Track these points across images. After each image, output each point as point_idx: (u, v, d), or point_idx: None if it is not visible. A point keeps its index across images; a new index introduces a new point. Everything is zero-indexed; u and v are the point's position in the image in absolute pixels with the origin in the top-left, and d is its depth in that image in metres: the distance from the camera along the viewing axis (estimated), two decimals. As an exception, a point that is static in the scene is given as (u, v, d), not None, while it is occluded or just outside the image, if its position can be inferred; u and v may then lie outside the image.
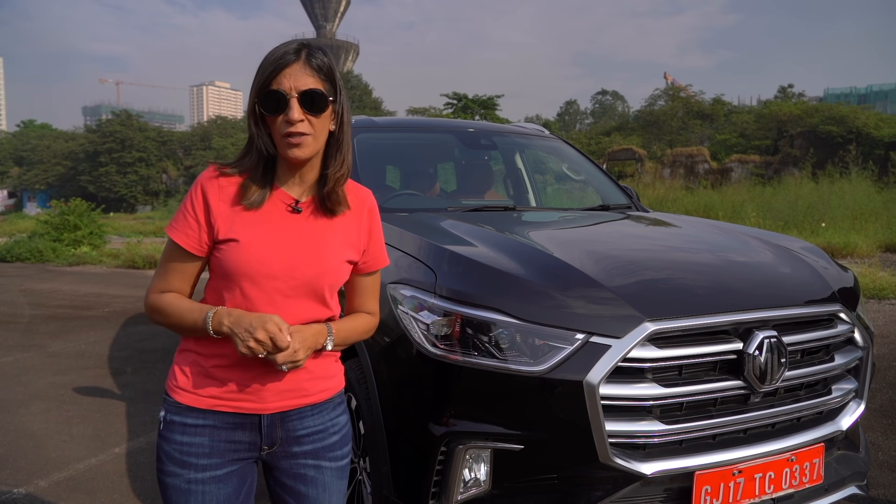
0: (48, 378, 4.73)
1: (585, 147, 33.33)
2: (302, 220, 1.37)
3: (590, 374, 1.67)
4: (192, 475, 1.34)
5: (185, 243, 1.34)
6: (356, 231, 1.43)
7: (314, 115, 1.30)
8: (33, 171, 50.37)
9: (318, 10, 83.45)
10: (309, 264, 1.34)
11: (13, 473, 3.10)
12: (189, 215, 1.34)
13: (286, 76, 1.28)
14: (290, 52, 1.30)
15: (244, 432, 1.36)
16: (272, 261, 1.31)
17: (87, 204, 14.89)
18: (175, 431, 1.35)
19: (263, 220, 1.34)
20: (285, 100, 1.27)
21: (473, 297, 1.82)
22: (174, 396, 1.36)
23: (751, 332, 1.83)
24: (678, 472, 1.75)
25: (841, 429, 2.00)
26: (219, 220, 1.32)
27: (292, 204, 1.37)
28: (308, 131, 1.29)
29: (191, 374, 1.36)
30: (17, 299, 8.28)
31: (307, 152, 1.31)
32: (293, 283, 1.33)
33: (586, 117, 70.11)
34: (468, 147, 3.80)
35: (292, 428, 1.40)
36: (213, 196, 1.33)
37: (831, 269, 2.28)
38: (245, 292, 1.31)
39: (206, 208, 1.33)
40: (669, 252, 2.39)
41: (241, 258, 1.30)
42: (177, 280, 1.38)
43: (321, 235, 1.38)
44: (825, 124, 26.71)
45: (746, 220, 12.89)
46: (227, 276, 1.32)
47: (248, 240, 1.31)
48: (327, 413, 1.44)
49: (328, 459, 1.44)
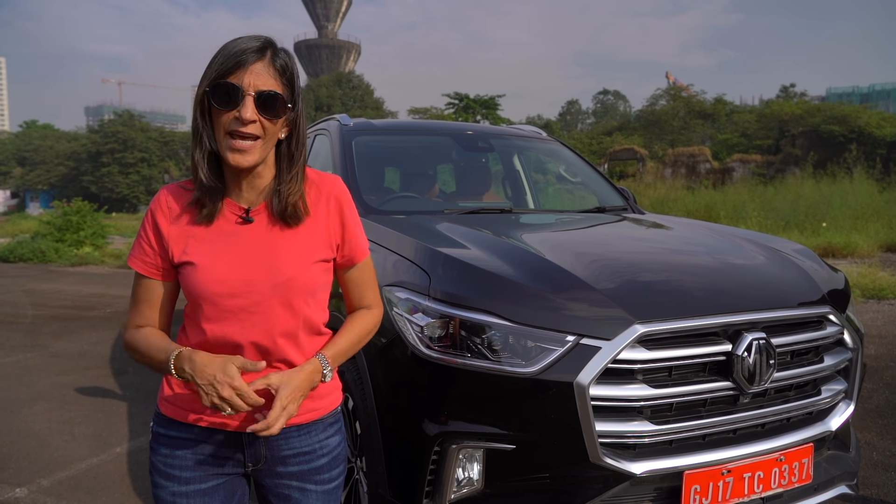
0: (51, 378, 4.77)
1: (587, 147, 33.34)
2: (256, 230, 1.29)
3: (580, 376, 1.70)
4: (176, 488, 1.31)
5: (144, 270, 1.30)
6: (324, 226, 1.33)
7: (269, 118, 1.21)
8: (36, 171, 50.50)
9: (319, 10, 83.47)
10: (268, 276, 1.26)
11: (16, 473, 3.14)
12: (143, 241, 1.30)
13: (247, 72, 1.19)
14: (254, 49, 1.20)
15: (227, 448, 1.32)
16: (228, 279, 1.24)
17: (89, 204, 14.96)
18: (161, 444, 1.33)
19: (214, 236, 1.27)
20: (240, 95, 1.18)
21: (467, 299, 1.85)
22: (161, 408, 1.35)
23: (740, 333, 1.85)
24: (668, 471, 1.77)
25: (830, 429, 2.03)
26: (171, 243, 1.27)
27: (242, 214, 1.29)
28: (258, 133, 1.21)
29: (176, 387, 1.32)
30: (20, 300, 8.33)
31: (251, 160, 1.22)
32: (256, 297, 1.25)
33: (588, 117, 70.09)
34: (466, 149, 3.83)
35: (277, 448, 1.34)
36: (162, 218, 1.28)
37: (821, 271, 2.30)
38: (209, 314, 1.25)
39: (157, 232, 1.28)
40: (661, 254, 2.42)
41: (197, 281, 1.24)
42: (148, 310, 1.32)
43: (279, 242, 1.29)
44: (827, 124, 26.68)
45: (748, 220, 12.89)
46: (191, 299, 1.27)
47: (201, 260, 1.25)
48: (316, 434, 1.37)
49: (314, 483, 1.37)
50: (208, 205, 1.27)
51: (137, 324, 1.32)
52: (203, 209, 1.27)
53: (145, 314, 1.32)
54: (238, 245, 1.27)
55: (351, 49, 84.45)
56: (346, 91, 50.42)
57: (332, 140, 3.32)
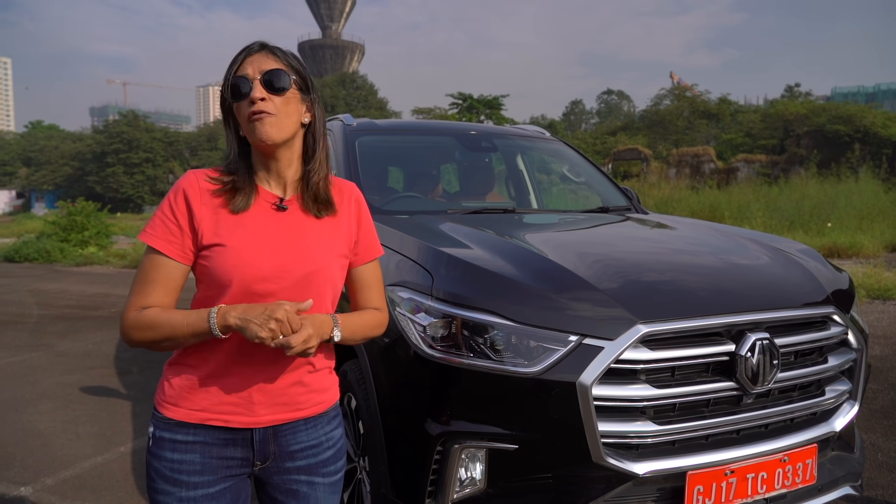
0: (55, 377, 4.79)
1: (591, 147, 33.31)
2: (288, 219, 1.34)
3: (583, 376, 1.70)
4: (183, 493, 1.29)
5: (167, 250, 1.28)
6: (346, 224, 1.41)
7: (276, 94, 1.29)
8: (41, 171, 50.76)
9: (323, 11, 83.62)
10: (299, 263, 1.30)
11: (21, 471, 3.15)
12: (170, 221, 1.28)
13: (250, 63, 1.31)
14: (254, 46, 1.34)
15: (236, 448, 1.32)
16: (261, 263, 1.27)
17: (93, 204, 15.02)
18: (165, 448, 1.30)
19: (248, 221, 1.30)
20: (248, 83, 1.29)
21: (469, 299, 1.85)
22: (163, 412, 1.32)
23: (743, 334, 1.85)
24: (671, 472, 1.77)
25: (834, 430, 2.02)
26: (202, 225, 1.28)
27: (276, 202, 1.34)
28: (271, 110, 1.28)
29: (180, 387, 1.31)
30: (26, 299, 8.37)
31: (273, 132, 1.28)
32: (284, 283, 1.29)
33: (592, 117, 70.06)
34: (469, 149, 3.83)
35: (285, 443, 1.35)
36: (195, 199, 1.29)
37: (825, 272, 2.29)
38: (236, 297, 1.26)
39: (189, 212, 1.28)
40: (664, 254, 2.41)
41: (229, 263, 1.26)
42: (160, 293, 1.28)
43: (309, 233, 1.34)
44: (832, 123, 26.61)
45: (752, 221, 12.86)
46: (217, 282, 1.27)
47: (234, 243, 1.27)
48: (322, 427, 1.40)
49: (321, 475, 1.40)
50: (245, 193, 1.31)
51: (143, 305, 1.27)
52: (238, 195, 1.31)
53: (154, 296, 1.28)
54: (271, 232, 1.31)
55: (355, 49, 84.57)
56: (350, 91, 50.50)
57: (335, 140, 3.32)
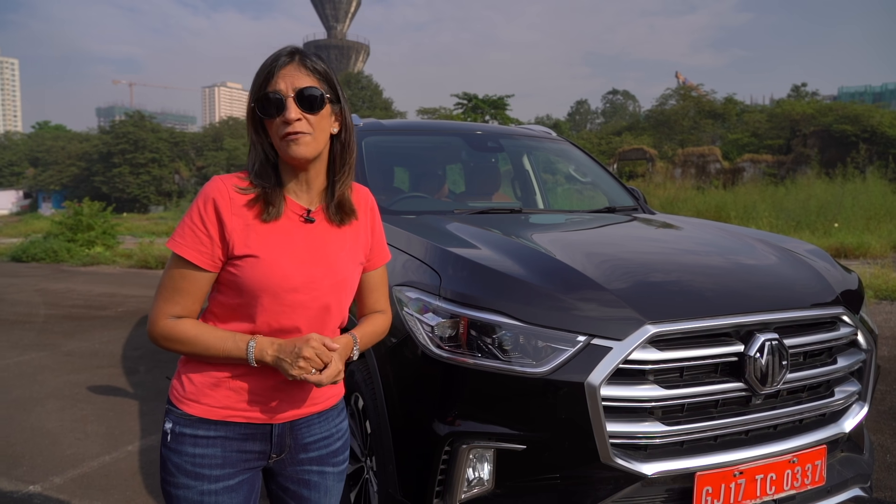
0: (63, 377, 4.81)
1: (596, 147, 33.24)
2: (315, 230, 1.35)
3: (591, 376, 1.70)
4: (205, 486, 1.32)
5: (197, 260, 1.27)
6: (363, 233, 1.45)
7: (311, 113, 1.28)
8: (48, 171, 50.99)
9: (328, 11, 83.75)
10: (327, 275, 1.33)
11: (29, 471, 3.17)
12: (199, 231, 1.28)
13: (282, 77, 1.27)
14: (283, 55, 1.30)
15: (255, 442, 1.35)
16: (293, 274, 1.29)
17: (98, 204, 15.09)
18: (186, 444, 1.32)
19: (278, 232, 1.31)
20: (282, 101, 1.26)
21: (477, 299, 1.85)
22: (183, 408, 1.32)
23: (752, 334, 1.84)
24: (679, 472, 1.76)
25: (844, 431, 2.01)
26: (234, 235, 1.28)
27: (304, 214, 1.35)
28: (306, 130, 1.27)
29: (200, 384, 1.32)
30: (33, 299, 8.41)
31: (308, 151, 1.28)
32: (313, 294, 1.31)
33: (597, 117, 69.93)
34: (475, 149, 3.83)
35: (300, 436, 1.41)
36: (226, 210, 1.28)
37: (834, 272, 2.28)
38: (265, 307, 1.28)
39: (220, 223, 1.28)
40: (672, 254, 2.41)
41: (261, 274, 1.27)
42: (188, 301, 1.30)
43: (333, 244, 1.37)
44: (839, 123, 26.49)
45: (759, 221, 12.81)
46: (246, 291, 1.28)
47: (266, 254, 1.28)
48: (332, 420, 1.46)
49: (331, 465, 1.46)
50: (275, 202, 1.31)
51: (173, 313, 1.30)
52: (270, 207, 1.31)
53: (183, 304, 1.30)
54: (300, 243, 1.33)
55: (360, 49, 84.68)
56: (356, 91, 50.55)
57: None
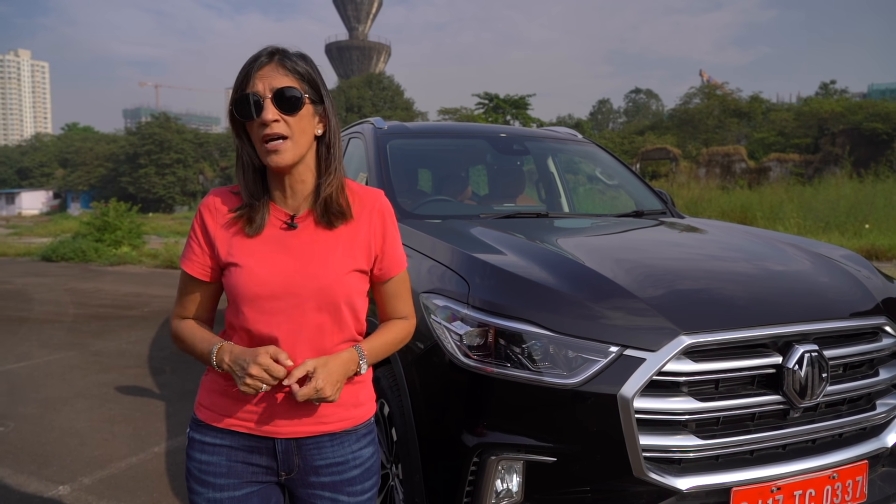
0: (91, 376, 4.88)
1: (618, 147, 32.95)
2: (300, 236, 1.32)
3: (624, 388, 1.66)
4: (211, 494, 1.33)
5: (191, 270, 1.35)
6: (365, 237, 1.36)
7: (290, 114, 1.25)
8: (77, 172, 52.10)
9: (350, 12, 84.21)
10: (310, 279, 1.28)
11: (59, 470, 3.21)
12: (192, 241, 1.36)
13: (259, 78, 1.25)
14: (263, 56, 1.27)
15: (261, 456, 1.33)
16: (270, 280, 1.28)
17: (123, 204, 15.35)
18: (196, 449, 1.35)
19: (260, 240, 1.31)
20: (259, 102, 1.23)
21: (507, 308, 1.81)
22: (197, 413, 1.38)
23: (790, 345, 1.78)
24: (714, 487, 1.72)
25: (886, 445, 1.94)
26: (218, 244, 1.32)
27: (287, 221, 1.33)
28: (284, 132, 1.24)
29: (211, 392, 1.36)
30: (62, 298, 8.57)
31: (287, 158, 1.26)
32: (296, 300, 1.28)
33: (619, 116, 69.35)
34: (500, 152, 3.80)
35: (310, 457, 1.34)
36: (210, 220, 1.34)
37: (875, 279, 2.21)
38: (246, 315, 1.29)
39: (206, 232, 1.34)
40: (705, 261, 2.35)
41: (240, 282, 1.28)
42: (193, 306, 1.39)
43: (321, 247, 1.32)
44: (869, 121, 25.92)
45: (785, 221, 12.57)
46: (233, 300, 1.31)
47: (245, 262, 1.29)
48: (349, 445, 1.37)
49: (346, 494, 1.37)
50: (257, 217, 1.31)
51: (182, 315, 1.40)
52: (252, 222, 1.31)
53: (190, 308, 1.40)
54: (282, 249, 1.31)
55: (381, 50, 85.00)
56: (377, 92, 50.75)
57: (366, 143, 3.32)
